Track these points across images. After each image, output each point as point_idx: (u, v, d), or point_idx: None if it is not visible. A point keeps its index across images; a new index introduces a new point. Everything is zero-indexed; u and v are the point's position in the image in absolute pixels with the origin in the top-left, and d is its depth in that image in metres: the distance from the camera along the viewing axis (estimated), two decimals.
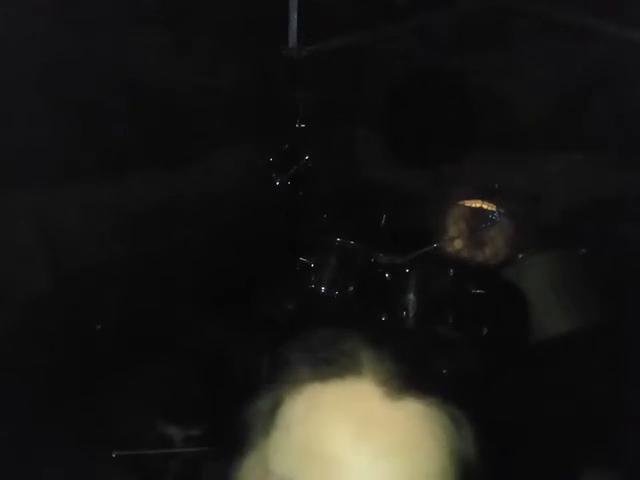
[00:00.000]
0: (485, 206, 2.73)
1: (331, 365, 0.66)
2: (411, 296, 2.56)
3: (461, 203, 2.80)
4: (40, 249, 2.48)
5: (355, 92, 3.24)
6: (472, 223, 2.72)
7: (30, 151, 2.35)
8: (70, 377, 2.31)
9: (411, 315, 2.55)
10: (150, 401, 2.28)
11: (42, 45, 2.30)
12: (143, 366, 2.37)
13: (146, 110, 2.64)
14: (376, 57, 3.22)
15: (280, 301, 2.75)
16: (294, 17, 3.02)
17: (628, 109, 2.69)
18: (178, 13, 2.71)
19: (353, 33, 3.11)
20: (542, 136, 2.97)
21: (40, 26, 2.28)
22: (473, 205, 2.78)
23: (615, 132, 2.76)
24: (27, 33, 2.25)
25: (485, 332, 2.52)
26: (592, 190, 2.87)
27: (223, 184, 3.01)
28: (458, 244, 2.72)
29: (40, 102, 2.34)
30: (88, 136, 2.52)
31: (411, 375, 0.65)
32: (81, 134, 2.50)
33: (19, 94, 2.28)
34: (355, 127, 3.38)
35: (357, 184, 3.25)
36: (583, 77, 2.87)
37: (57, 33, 2.33)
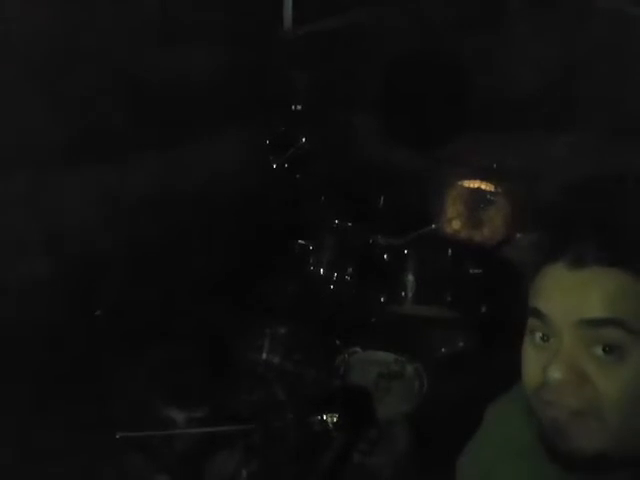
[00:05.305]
0: (483, 186, 2.73)
1: None
2: (410, 277, 2.57)
3: (459, 183, 2.79)
4: (38, 235, 2.48)
5: (351, 73, 3.22)
6: (470, 203, 2.72)
7: (28, 137, 2.34)
8: (72, 361, 2.32)
9: (410, 295, 2.56)
10: (152, 384, 2.30)
11: (40, 36, 2.29)
12: (143, 350, 2.38)
13: (141, 94, 2.62)
14: (371, 37, 3.19)
15: (279, 284, 2.76)
16: None
17: (627, 87, 2.68)
18: None
19: (348, 13, 3.08)
20: (540, 115, 2.96)
21: (39, 19, 2.27)
22: (471, 185, 2.77)
23: (613, 110, 2.74)
24: (26, 25, 2.24)
25: (483, 311, 2.53)
26: (591, 169, 2.86)
27: (219, 167, 3.00)
28: (456, 224, 2.72)
29: (37, 89, 2.33)
30: (86, 122, 2.51)
31: None
32: (79, 120, 2.49)
33: (17, 82, 2.27)
34: (351, 108, 3.36)
35: (354, 165, 3.24)
36: (581, 55, 2.85)
37: (55, 25, 2.32)
